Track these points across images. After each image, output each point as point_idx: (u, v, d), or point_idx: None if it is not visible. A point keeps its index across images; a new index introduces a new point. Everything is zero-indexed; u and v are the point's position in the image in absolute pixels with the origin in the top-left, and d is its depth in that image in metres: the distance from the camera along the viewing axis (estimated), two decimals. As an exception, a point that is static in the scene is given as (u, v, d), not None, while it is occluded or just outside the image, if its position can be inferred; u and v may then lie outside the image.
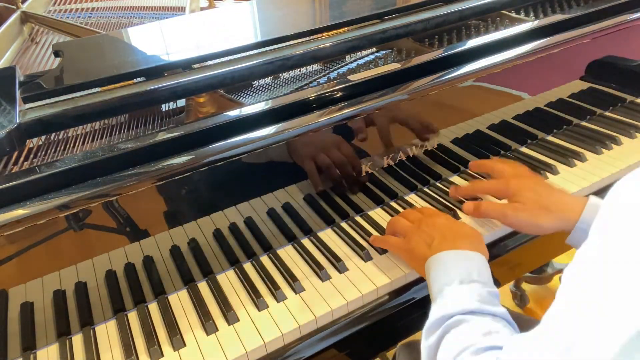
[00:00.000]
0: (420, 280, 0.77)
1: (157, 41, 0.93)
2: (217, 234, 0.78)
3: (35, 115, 0.71)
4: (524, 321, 0.77)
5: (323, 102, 0.80)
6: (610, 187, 0.41)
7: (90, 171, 0.66)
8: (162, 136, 0.71)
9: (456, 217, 0.85)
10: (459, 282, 0.60)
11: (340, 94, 0.81)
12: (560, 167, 0.95)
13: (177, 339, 0.68)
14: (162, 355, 0.67)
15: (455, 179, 0.95)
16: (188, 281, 0.77)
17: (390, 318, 0.75)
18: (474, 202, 0.81)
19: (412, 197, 0.91)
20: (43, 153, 0.73)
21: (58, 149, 0.74)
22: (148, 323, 0.71)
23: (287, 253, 0.82)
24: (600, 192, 0.91)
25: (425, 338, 0.57)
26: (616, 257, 0.36)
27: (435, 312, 0.58)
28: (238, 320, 0.71)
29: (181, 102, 0.84)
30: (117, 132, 0.79)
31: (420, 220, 0.74)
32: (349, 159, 0.83)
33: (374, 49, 0.97)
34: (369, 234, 0.83)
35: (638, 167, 0.34)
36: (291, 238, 0.84)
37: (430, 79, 0.85)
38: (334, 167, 0.82)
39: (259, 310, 0.72)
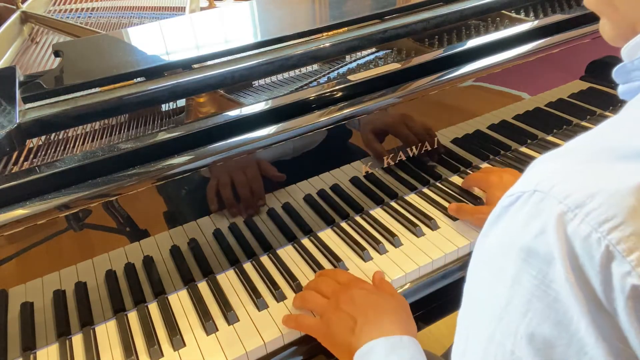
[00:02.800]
0: (421, 280, 0.77)
1: (157, 41, 0.93)
2: (217, 234, 0.78)
3: (35, 115, 0.71)
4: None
5: (323, 102, 0.80)
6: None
7: (90, 171, 0.66)
8: (162, 136, 0.71)
9: (454, 219, 0.85)
10: None
11: (340, 94, 0.81)
12: (560, 167, 0.95)
13: (177, 339, 0.68)
14: (162, 355, 0.67)
15: (455, 179, 0.95)
16: (188, 281, 0.77)
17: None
18: (456, 203, 0.84)
19: (412, 197, 0.91)
20: (43, 153, 0.73)
21: (58, 149, 0.74)
22: (148, 323, 0.71)
23: (287, 253, 0.82)
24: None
25: None
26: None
27: None
28: (238, 320, 0.71)
29: (181, 102, 0.84)
30: (117, 132, 0.79)
31: (336, 296, 0.66)
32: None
33: (374, 49, 0.97)
34: (369, 234, 0.83)
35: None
36: (291, 238, 0.84)
37: (430, 79, 0.85)
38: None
39: (259, 310, 0.72)
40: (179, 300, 0.75)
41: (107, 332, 0.71)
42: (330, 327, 0.63)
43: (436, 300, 0.78)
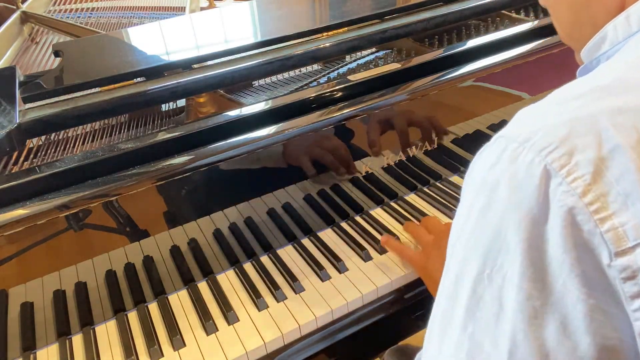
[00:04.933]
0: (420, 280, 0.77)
1: (157, 41, 0.93)
2: (217, 234, 0.78)
3: (35, 115, 0.71)
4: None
5: (323, 102, 0.80)
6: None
7: (90, 171, 0.66)
8: (162, 136, 0.71)
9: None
10: None
11: (340, 94, 0.81)
12: (560, 167, 0.95)
13: (177, 339, 0.68)
14: (162, 355, 0.67)
15: (455, 179, 0.95)
16: (188, 281, 0.77)
17: (390, 318, 0.75)
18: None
19: (412, 197, 0.91)
20: (43, 153, 0.73)
21: (58, 149, 0.74)
22: (148, 323, 0.71)
23: (287, 253, 0.82)
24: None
25: None
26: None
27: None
28: (238, 320, 0.71)
29: (181, 102, 0.84)
30: (117, 132, 0.79)
31: (441, 235, 0.71)
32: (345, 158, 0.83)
33: (374, 49, 0.97)
34: (369, 234, 0.83)
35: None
36: (291, 238, 0.84)
37: (430, 79, 0.85)
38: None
39: (259, 310, 0.72)
40: (179, 300, 0.75)
41: (107, 332, 0.71)
42: (428, 261, 0.70)
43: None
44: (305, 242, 0.84)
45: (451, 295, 0.38)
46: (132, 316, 0.73)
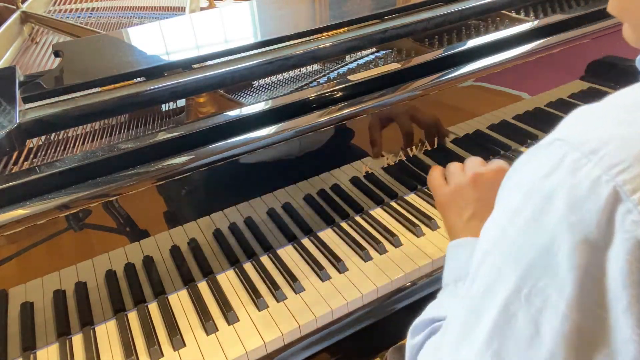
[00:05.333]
0: (421, 280, 0.77)
1: (157, 41, 0.93)
2: (217, 234, 0.78)
3: (35, 115, 0.71)
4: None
5: (323, 102, 0.80)
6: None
7: (90, 171, 0.66)
8: (162, 136, 0.71)
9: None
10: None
11: (340, 94, 0.81)
12: (560, 167, 0.95)
13: (177, 339, 0.68)
14: (162, 355, 0.67)
15: (455, 179, 0.95)
16: (188, 281, 0.77)
17: (390, 317, 0.75)
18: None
19: (412, 197, 0.91)
20: (43, 153, 0.73)
21: (58, 149, 0.74)
22: (148, 323, 0.71)
23: (287, 253, 0.82)
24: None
25: (412, 336, 0.54)
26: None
27: (428, 311, 0.56)
28: (238, 320, 0.71)
29: (181, 102, 0.84)
30: (117, 132, 0.79)
31: (473, 176, 0.64)
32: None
33: (374, 49, 0.97)
34: (369, 234, 0.83)
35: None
36: (291, 238, 0.84)
37: (430, 79, 0.85)
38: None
39: (259, 310, 0.72)
40: (179, 300, 0.75)
41: (107, 332, 0.71)
42: (450, 198, 0.64)
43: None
44: (305, 242, 0.84)
45: (478, 303, 0.35)
46: (132, 316, 0.73)
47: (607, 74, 1.08)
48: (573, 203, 0.30)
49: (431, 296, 0.77)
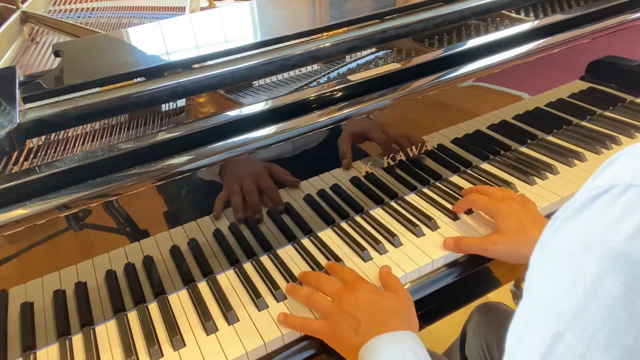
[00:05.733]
0: (421, 280, 0.77)
1: (157, 41, 0.93)
2: (217, 234, 0.78)
3: (35, 115, 0.71)
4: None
5: (323, 102, 0.80)
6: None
7: (90, 171, 0.66)
8: (162, 136, 0.71)
9: (456, 216, 0.85)
10: None
11: (340, 94, 0.81)
12: (560, 167, 0.95)
13: (177, 339, 0.68)
14: (162, 355, 0.67)
15: (456, 179, 0.96)
16: (188, 281, 0.77)
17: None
18: (454, 237, 0.78)
19: (412, 197, 0.92)
20: (43, 153, 0.73)
21: (58, 149, 0.74)
22: (148, 323, 0.71)
23: (287, 253, 0.82)
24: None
25: None
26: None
27: None
28: (238, 320, 0.71)
29: (181, 102, 0.84)
30: (117, 132, 0.79)
31: (340, 298, 0.67)
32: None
33: (374, 49, 0.97)
34: (369, 234, 0.83)
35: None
36: (291, 238, 0.84)
37: (430, 79, 0.85)
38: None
39: (259, 310, 0.72)
40: (179, 300, 0.75)
41: (107, 332, 0.71)
42: (335, 329, 0.65)
43: (436, 300, 0.78)
44: (305, 242, 0.84)
45: None
46: (132, 316, 0.73)
47: (607, 74, 1.08)
48: None
49: (431, 296, 0.77)
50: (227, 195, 0.75)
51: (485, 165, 0.99)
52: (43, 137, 0.76)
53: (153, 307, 0.74)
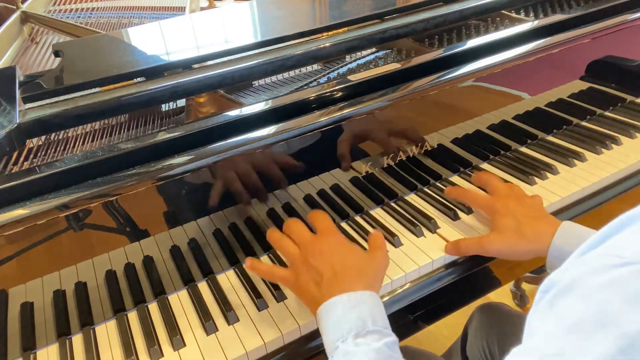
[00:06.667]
0: (421, 280, 0.77)
1: (157, 41, 0.93)
2: (217, 234, 0.78)
3: (35, 115, 0.71)
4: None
5: (323, 102, 0.80)
6: (609, 187, 0.40)
7: (90, 171, 0.66)
8: (162, 136, 0.71)
9: (456, 216, 0.85)
10: (354, 336, 0.55)
11: (340, 94, 0.81)
12: (560, 167, 0.95)
13: (177, 339, 0.68)
14: (162, 355, 0.67)
15: (455, 179, 0.96)
16: (188, 281, 0.77)
17: (389, 318, 0.75)
18: (452, 242, 0.78)
19: (412, 197, 0.91)
20: (43, 153, 0.73)
21: (58, 149, 0.74)
22: (148, 323, 0.71)
23: (287, 253, 0.82)
24: (601, 192, 0.91)
25: None
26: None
27: None
28: (238, 320, 0.71)
29: (181, 102, 0.84)
30: (117, 132, 0.79)
31: (306, 247, 0.66)
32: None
33: (374, 49, 0.97)
34: (369, 234, 0.83)
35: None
36: (291, 238, 0.83)
37: (430, 79, 0.85)
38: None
39: (259, 310, 0.72)
40: (179, 300, 0.75)
41: (107, 332, 0.71)
42: (298, 278, 0.64)
43: (436, 300, 0.78)
44: (305, 242, 0.83)
45: None
46: (132, 316, 0.73)
47: (607, 74, 1.08)
48: None
49: (431, 296, 0.77)
50: (225, 189, 0.75)
51: (485, 165, 0.99)
52: (43, 137, 0.76)
53: (153, 307, 0.74)
